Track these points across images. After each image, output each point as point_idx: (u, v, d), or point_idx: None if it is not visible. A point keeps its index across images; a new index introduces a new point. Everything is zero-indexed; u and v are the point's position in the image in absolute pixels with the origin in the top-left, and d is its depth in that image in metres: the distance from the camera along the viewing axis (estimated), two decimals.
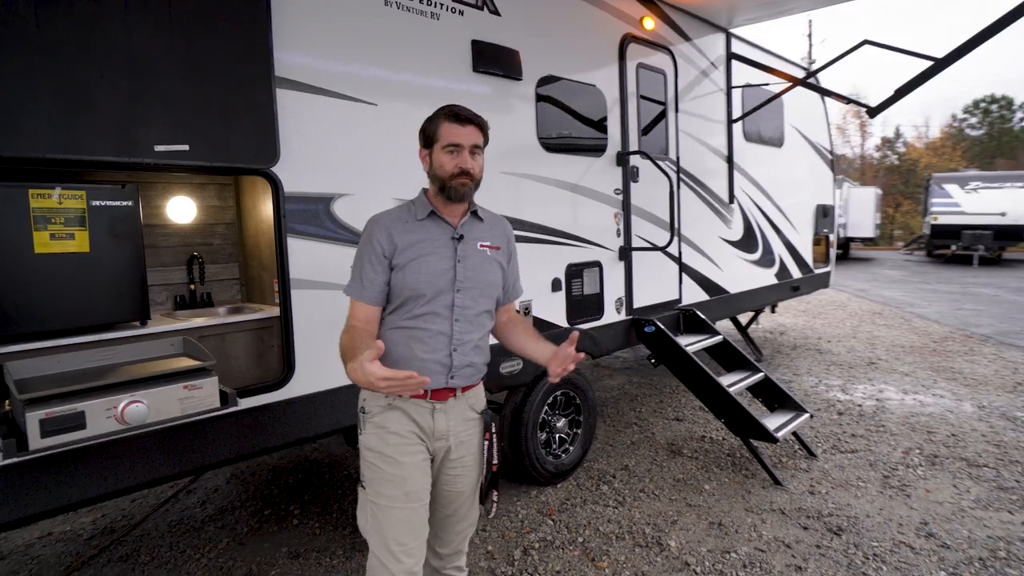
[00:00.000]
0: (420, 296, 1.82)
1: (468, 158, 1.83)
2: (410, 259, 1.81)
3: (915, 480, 3.69)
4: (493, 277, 1.94)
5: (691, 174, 4.76)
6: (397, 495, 1.79)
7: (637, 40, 4.14)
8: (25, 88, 1.77)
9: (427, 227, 1.87)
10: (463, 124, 1.83)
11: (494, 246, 1.97)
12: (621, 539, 3.09)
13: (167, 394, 1.79)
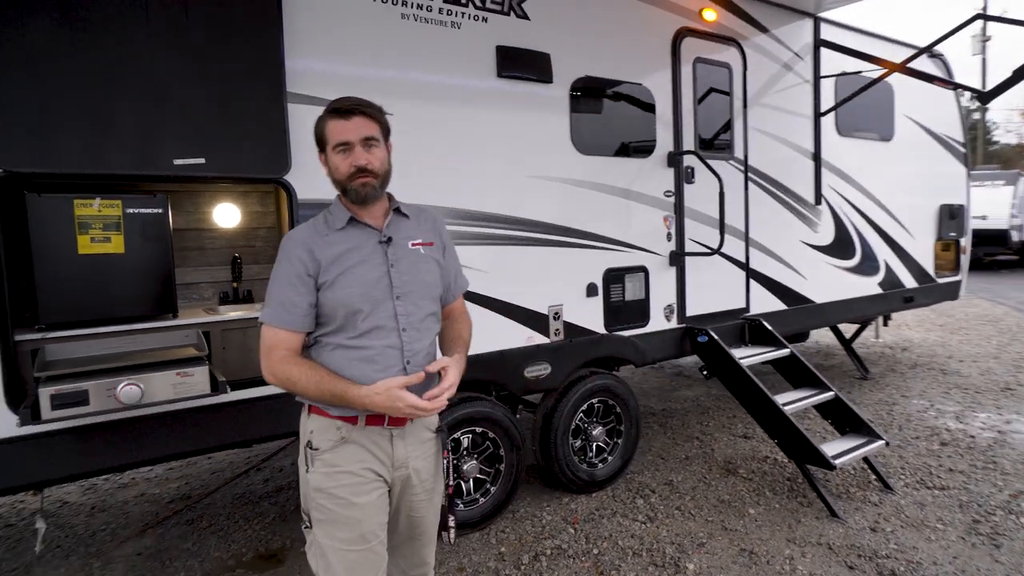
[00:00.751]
0: (358, 311, 1.66)
1: (362, 153, 1.64)
2: (338, 273, 1.65)
3: (1013, 530, 3.15)
4: (431, 277, 1.78)
5: (764, 174, 4.43)
6: (352, 538, 1.66)
7: (695, 34, 3.94)
8: (63, 115, 2.10)
9: (349, 235, 1.70)
10: (347, 117, 1.63)
11: (427, 242, 1.80)
12: (638, 555, 2.97)
13: (161, 379, 2.04)
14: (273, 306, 1.64)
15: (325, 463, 1.65)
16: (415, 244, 1.76)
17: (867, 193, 5.19)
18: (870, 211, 5.23)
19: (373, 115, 1.65)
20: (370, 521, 1.67)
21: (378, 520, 1.70)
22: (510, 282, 3.24)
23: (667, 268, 3.90)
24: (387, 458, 1.69)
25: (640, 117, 3.75)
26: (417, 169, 2.90)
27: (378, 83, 2.77)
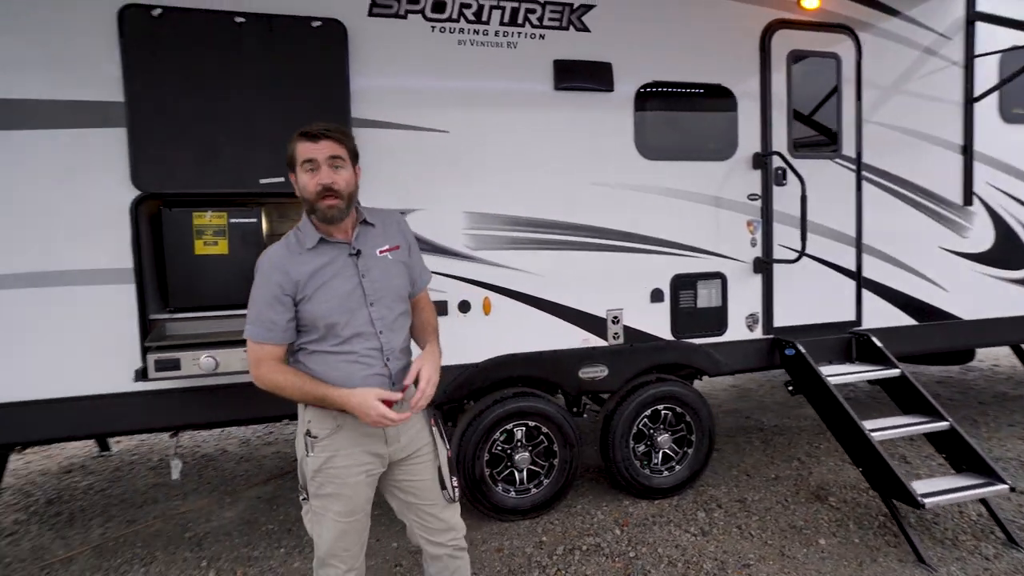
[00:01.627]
0: (336, 322, 1.82)
1: (329, 172, 1.77)
2: (315, 289, 1.81)
3: None
4: (400, 280, 1.94)
5: (887, 172, 3.96)
6: (343, 511, 1.89)
7: (790, 25, 3.68)
8: (181, 149, 2.75)
9: (321, 252, 1.84)
10: (315, 140, 1.77)
11: (393, 246, 1.95)
12: (672, 565, 2.94)
13: (232, 354, 2.59)
14: (255, 324, 1.81)
15: (323, 448, 1.86)
16: (382, 251, 1.91)
17: None
18: None
19: (339, 139, 1.80)
20: (358, 498, 1.91)
21: (365, 496, 1.94)
22: (565, 286, 3.37)
23: (750, 275, 3.71)
24: (380, 437, 1.90)
25: (718, 119, 3.62)
26: (474, 179, 3.19)
27: (436, 102, 3.11)
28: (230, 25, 2.77)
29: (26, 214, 2.63)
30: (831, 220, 3.85)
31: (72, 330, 2.67)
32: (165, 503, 3.74)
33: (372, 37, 3.01)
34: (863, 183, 3.90)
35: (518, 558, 3.03)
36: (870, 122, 3.90)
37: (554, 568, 2.93)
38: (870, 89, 3.88)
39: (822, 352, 3.81)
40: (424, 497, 2.02)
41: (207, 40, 2.75)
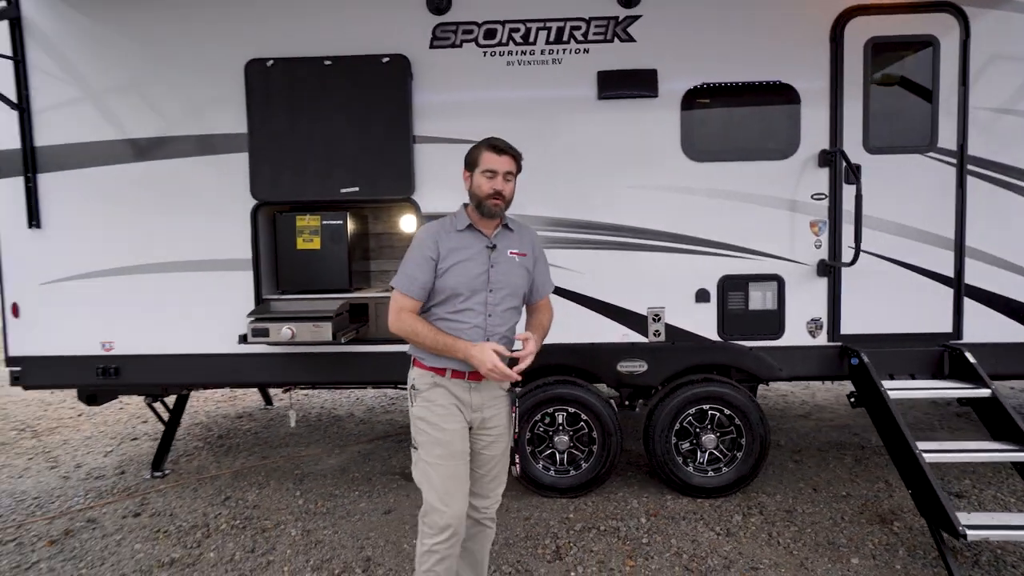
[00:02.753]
0: (459, 295, 2.20)
1: (502, 182, 2.21)
2: (452, 263, 2.19)
3: None
4: (520, 280, 2.31)
5: (1006, 165, 3.50)
6: (445, 454, 2.20)
7: (870, 10, 3.45)
8: (284, 167, 3.57)
9: (465, 237, 2.25)
10: (500, 154, 2.22)
11: (522, 252, 2.33)
12: (677, 556, 3.07)
13: (304, 327, 3.33)
14: (403, 277, 2.21)
15: (424, 399, 2.24)
16: (512, 253, 2.30)
17: None
18: None
19: (516, 159, 2.27)
20: (457, 442, 2.22)
21: (462, 445, 2.24)
22: (605, 283, 3.61)
23: (813, 278, 3.57)
24: (466, 402, 2.24)
25: (775, 117, 3.55)
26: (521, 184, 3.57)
27: (486, 117, 3.55)
28: (320, 67, 3.52)
29: (185, 218, 3.65)
30: (920, 220, 3.53)
31: (212, 303, 3.64)
32: (292, 448, 4.72)
33: (433, 66, 3.56)
34: (967, 178, 3.50)
35: (539, 527, 3.37)
36: (982, 109, 3.48)
37: (566, 540, 3.23)
38: (982, 72, 3.46)
39: (902, 365, 3.53)
40: (483, 467, 2.33)
41: (304, 80, 3.53)
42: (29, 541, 3.33)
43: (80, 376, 3.72)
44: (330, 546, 3.21)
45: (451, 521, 2.18)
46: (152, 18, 3.59)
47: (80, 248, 3.69)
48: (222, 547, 3.21)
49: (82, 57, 3.64)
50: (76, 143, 3.65)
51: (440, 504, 2.19)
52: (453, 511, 2.19)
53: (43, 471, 4.33)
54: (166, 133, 3.61)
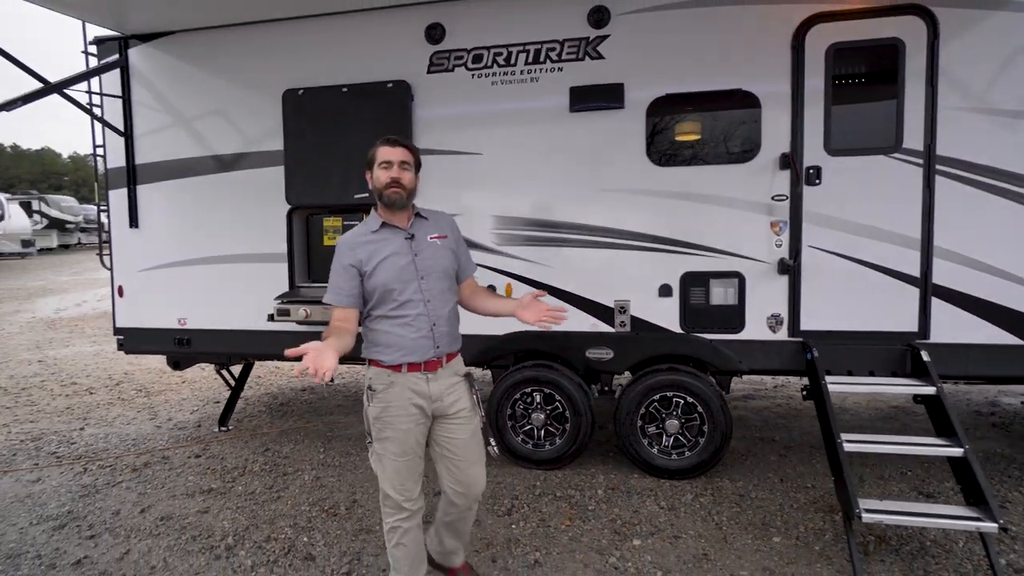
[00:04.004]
0: (392, 289, 2.31)
1: (398, 170, 2.35)
2: (377, 263, 2.31)
3: None
4: (446, 261, 2.45)
5: (978, 164, 3.51)
6: (398, 452, 2.35)
7: (833, 17, 3.61)
8: (312, 177, 4.36)
9: (383, 236, 2.38)
10: (393, 146, 2.39)
11: (442, 235, 2.47)
12: (612, 522, 3.46)
13: (316, 308, 4.08)
14: (330, 291, 2.40)
15: (380, 400, 2.34)
16: (432, 238, 2.44)
17: None
18: None
19: (411, 149, 2.44)
20: (410, 440, 2.36)
21: (415, 439, 2.38)
22: (575, 277, 4.05)
23: (774, 276, 3.78)
24: (425, 394, 2.36)
25: (736, 123, 3.79)
26: (500, 190, 4.13)
27: (473, 131, 4.13)
28: (339, 93, 4.27)
29: (238, 219, 4.56)
30: (884, 220, 3.63)
31: (257, 288, 4.51)
32: (334, 416, 5.56)
33: (430, 88, 4.19)
34: (935, 178, 3.55)
35: (504, 489, 3.89)
36: (954, 108, 3.52)
37: (522, 501, 3.73)
38: (951, 71, 3.50)
39: (861, 362, 3.65)
40: (458, 452, 2.46)
41: (326, 105, 4.30)
42: (120, 468, 4.39)
43: (162, 345, 4.76)
44: (330, 490, 3.95)
45: (405, 504, 2.40)
46: (218, 59, 4.53)
47: (164, 243, 4.72)
48: (249, 483, 4.06)
49: (170, 91, 4.66)
50: (162, 161, 4.69)
51: (394, 492, 2.39)
52: (405, 496, 2.40)
53: (144, 421, 5.49)
54: (230, 151, 4.53)
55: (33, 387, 6.76)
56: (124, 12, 4.34)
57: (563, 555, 3.12)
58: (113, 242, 4.85)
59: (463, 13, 4.10)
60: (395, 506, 2.41)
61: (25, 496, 3.94)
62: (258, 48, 4.45)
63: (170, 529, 3.46)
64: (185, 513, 3.65)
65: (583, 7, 3.91)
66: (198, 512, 3.66)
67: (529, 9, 4.00)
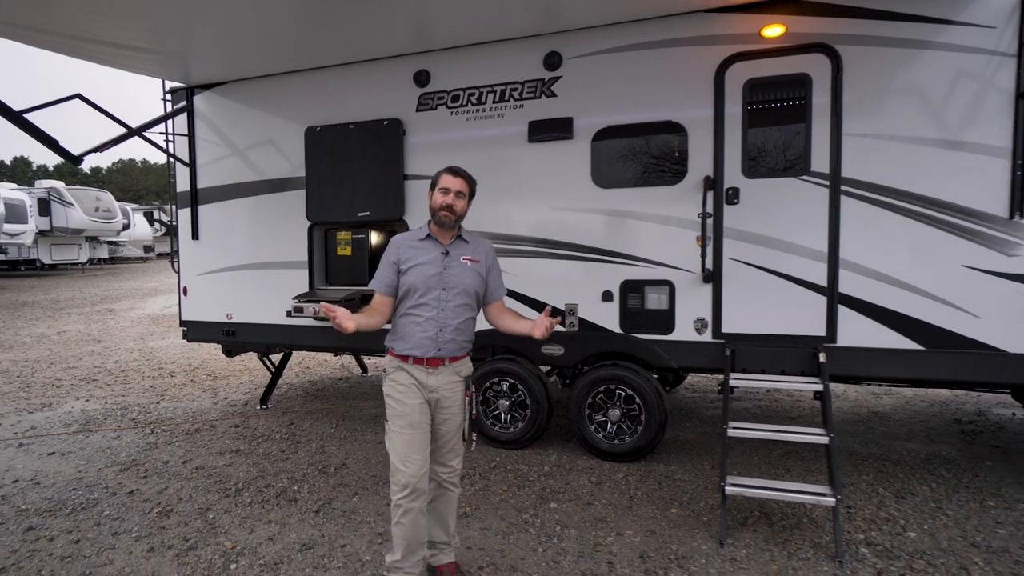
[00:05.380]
0: (416, 290, 2.73)
1: (454, 198, 2.77)
2: (411, 265, 2.77)
3: None
4: (471, 281, 2.82)
5: (884, 186, 3.90)
6: (404, 425, 2.71)
7: (748, 56, 4.13)
8: (325, 198, 5.35)
9: (426, 245, 2.83)
10: (455, 176, 2.83)
11: (474, 259, 2.86)
12: (542, 489, 4.14)
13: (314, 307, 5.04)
14: (375, 279, 2.86)
15: (391, 379, 2.80)
16: (465, 259, 2.85)
17: None
18: None
19: (468, 181, 2.88)
20: (415, 415, 2.73)
21: (420, 416, 2.74)
22: (533, 284, 4.77)
23: (699, 284, 4.32)
24: (424, 384, 2.77)
25: (667, 150, 4.37)
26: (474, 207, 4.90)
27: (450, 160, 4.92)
28: (347, 130, 5.24)
29: (272, 233, 5.62)
30: (795, 236, 4.09)
31: (285, 289, 5.55)
32: (355, 400, 6.54)
33: (418, 124, 5.06)
34: (841, 198, 3.98)
35: (470, 465, 4.65)
36: (858, 135, 3.94)
37: (478, 473, 4.48)
38: (854, 102, 3.93)
39: (774, 362, 4.12)
40: (440, 440, 2.88)
41: (337, 139, 5.27)
42: (176, 432, 5.55)
43: (214, 335, 5.92)
44: (328, 455, 4.88)
45: (410, 479, 2.69)
46: (259, 102, 5.63)
47: (217, 252, 5.88)
48: (268, 448, 5.07)
49: (224, 129, 5.82)
50: (217, 185, 5.86)
51: (401, 465, 2.70)
52: (411, 471, 2.69)
53: (205, 399, 6.72)
54: (267, 178, 5.62)
55: (130, 370, 8.26)
56: (190, 68, 5.52)
57: (488, 511, 3.85)
58: (180, 251, 6.07)
59: (444, 61, 4.94)
60: (402, 482, 2.69)
61: (106, 447, 5.16)
62: (288, 94, 5.51)
63: (200, 475, 4.50)
64: (215, 465, 4.70)
65: (540, 53, 4.64)
66: (224, 465, 4.69)
67: (496, 56, 4.78)
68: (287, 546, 3.45)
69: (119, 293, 18.13)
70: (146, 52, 4.99)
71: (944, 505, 3.80)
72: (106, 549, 3.46)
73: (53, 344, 10.26)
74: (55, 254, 25.06)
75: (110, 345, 10.12)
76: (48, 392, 7.12)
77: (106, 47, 4.74)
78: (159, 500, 4.09)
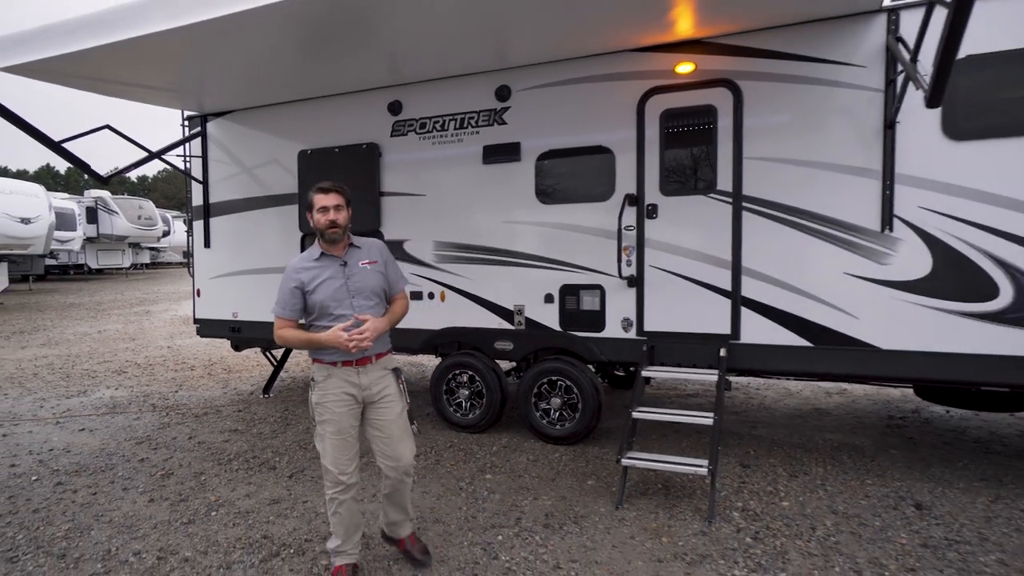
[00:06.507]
0: (328, 306, 2.93)
1: (334, 213, 2.94)
2: (316, 285, 2.93)
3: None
4: (374, 282, 3.04)
5: (776, 203, 4.50)
6: (334, 431, 2.93)
7: (664, 90, 4.78)
8: None
9: (322, 263, 3.00)
10: (327, 194, 2.98)
11: (371, 261, 3.07)
12: (483, 463, 4.84)
13: None
14: (278, 304, 3.04)
15: (320, 388, 2.97)
16: (363, 263, 3.04)
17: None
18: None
19: (341, 192, 3.01)
20: (344, 422, 2.95)
21: (348, 422, 2.97)
22: (487, 287, 5.48)
23: (625, 289, 4.97)
24: (355, 384, 2.97)
25: (599, 171, 5.03)
26: (438, 222, 5.67)
27: (419, 178, 5.71)
28: (332, 152, 6.05)
29: (263, 241, 6.47)
30: (704, 246, 4.71)
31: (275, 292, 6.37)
32: None
33: (392, 147, 5.84)
34: (743, 213, 4.59)
35: (427, 443, 5.37)
36: (755, 158, 4.55)
37: (434, 451, 5.20)
38: (753, 129, 4.55)
39: (687, 357, 4.75)
40: (386, 431, 3.04)
41: (324, 161, 6.09)
42: (188, 415, 6.43)
43: (222, 331, 6.79)
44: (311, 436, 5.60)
45: (340, 478, 2.95)
46: (262, 128, 6.50)
47: (225, 258, 6.77)
48: (262, 428, 5.90)
49: (233, 150, 6.71)
50: (225, 200, 6.75)
51: (331, 467, 2.96)
52: (340, 470, 2.96)
53: (217, 389, 7.63)
54: (267, 194, 6.49)
55: (157, 364, 9.27)
56: (203, 100, 6.41)
57: (432, 480, 4.57)
58: (195, 258, 6.98)
59: (414, 93, 5.72)
60: (333, 480, 2.96)
61: (127, 426, 6.06)
62: (285, 121, 6.36)
63: (201, 448, 5.34)
64: (214, 441, 5.54)
65: (492, 86, 5.37)
66: (222, 441, 5.53)
67: (456, 89, 5.52)
68: (259, 501, 4.23)
69: (156, 296, 19.49)
70: (167, 90, 5.89)
71: (827, 482, 4.36)
72: (116, 499, 4.30)
73: (93, 341, 11.40)
74: (101, 259, 26.86)
75: (143, 343, 11.20)
76: (84, 381, 8.14)
77: (134, 87, 5.65)
78: (164, 466, 4.94)
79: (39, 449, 5.42)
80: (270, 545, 3.61)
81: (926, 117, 4.08)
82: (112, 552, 3.57)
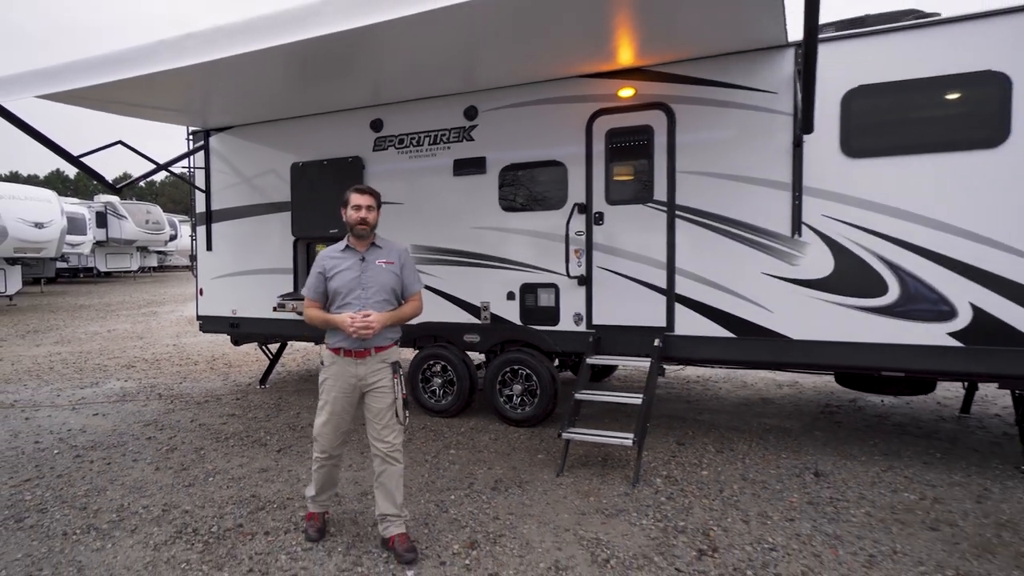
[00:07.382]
0: (340, 292, 3.36)
1: (365, 212, 3.40)
2: (335, 272, 3.39)
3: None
4: (387, 280, 3.42)
5: (703, 211, 5.15)
6: (328, 410, 3.44)
7: (609, 111, 5.45)
8: (306, 218, 6.87)
9: (345, 255, 3.46)
10: (362, 194, 3.45)
11: (389, 261, 3.46)
12: (448, 441, 5.50)
13: (300, 304, 6.52)
14: (307, 287, 3.53)
15: (325, 372, 3.47)
16: (380, 262, 3.45)
17: (929, 220, 4.50)
18: (932, 241, 4.49)
19: (374, 195, 3.52)
20: (337, 405, 3.43)
21: (342, 406, 3.43)
22: (456, 286, 6.16)
23: (576, 287, 5.63)
24: (353, 373, 3.39)
25: (554, 182, 5.71)
26: (415, 226, 6.35)
27: (398, 188, 6.40)
28: (321, 165, 6.76)
29: (260, 245, 7.18)
30: (644, 249, 5.37)
31: (275, 290, 7.07)
32: None
33: (374, 161, 6.53)
34: (676, 220, 5.25)
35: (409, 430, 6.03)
36: (686, 172, 5.21)
37: (409, 433, 5.86)
38: (686, 145, 5.21)
39: (630, 346, 5.40)
40: (375, 417, 3.43)
41: (313, 172, 6.79)
42: (190, 402, 7.14)
43: (222, 327, 7.50)
44: (300, 419, 6.35)
45: (325, 448, 3.53)
46: (259, 142, 7.22)
47: (226, 260, 7.48)
48: (257, 413, 6.59)
49: (232, 162, 7.42)
50: (226, 207, 7.46)
51: (319, 438, 3.52)
52: (324, 443, 3.51)
53: (218, 380, 8.33)
54: (263, 202, 7.20)
55: (163, 360, 9.99)
56: (207, 117, 7.14)
57: None
58: (198, 260, 7.70)
59: (394, 112, 6.42)
60: (320, 449, 3.54)
61: (136, 412, 6.77)
62: (279, 136, 7.07)
63: (201, 430, 6.04)
64: (213, 423, 6.23)
65: (461, 106, 6.06)
66: (220, 423, 6.23)
67: (431, 109, 6.22)
68: (251, 470, 4.91)
69: (163, 298, 20.29)
70: (175, 110, 6.62)
71: (747, 457, 5.00)
72: (127, 468, 5.00)
73: (103, 339, 12.15)
74: (110, 263, 27.74)
75: (150, 341, 11.94)
76: (96, 374, 8.87)
77: (144, 108, 6.37)
78: (168, 443, 5.64)
79: (58, 429, 6.13)
80: (257, 502, 4.29)
81: (828, 137, 4.74)
82: (125, 506, 4.26)
